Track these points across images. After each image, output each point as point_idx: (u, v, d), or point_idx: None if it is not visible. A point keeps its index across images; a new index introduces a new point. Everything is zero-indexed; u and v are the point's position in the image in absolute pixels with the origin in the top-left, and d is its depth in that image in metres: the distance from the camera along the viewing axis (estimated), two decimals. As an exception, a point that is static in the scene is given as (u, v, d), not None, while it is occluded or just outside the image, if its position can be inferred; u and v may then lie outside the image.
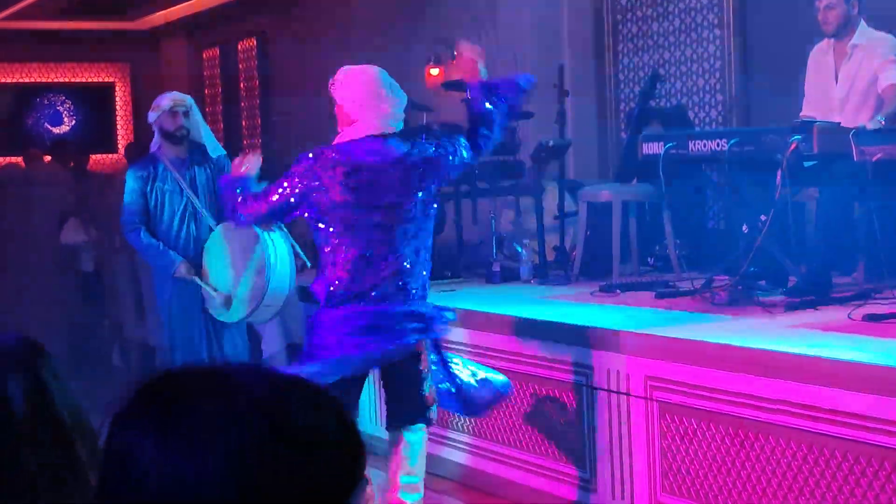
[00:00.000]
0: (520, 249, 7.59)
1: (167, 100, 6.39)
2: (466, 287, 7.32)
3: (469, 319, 6.26)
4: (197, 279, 6.27)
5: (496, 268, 7.49)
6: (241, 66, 14.98)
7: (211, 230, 6.31)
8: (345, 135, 4.73)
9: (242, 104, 14.98)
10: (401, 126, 4.80)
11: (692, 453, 4.95)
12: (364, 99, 4.71)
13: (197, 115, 6.48)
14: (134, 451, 1.13)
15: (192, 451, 1.11)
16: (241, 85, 14.56)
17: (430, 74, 10.72)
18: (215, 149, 6.51)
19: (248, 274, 6.06)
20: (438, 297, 6.84)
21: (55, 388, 1.31)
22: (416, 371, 4.79)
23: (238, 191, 4.85)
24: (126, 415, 1.17)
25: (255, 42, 14.59)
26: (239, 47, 15.01)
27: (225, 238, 6.19)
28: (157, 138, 6.44)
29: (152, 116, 6.41)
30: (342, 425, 1.19)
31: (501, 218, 8.53)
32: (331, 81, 4.77)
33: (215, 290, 6.17)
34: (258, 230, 5.78)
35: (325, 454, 1.16)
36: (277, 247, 5.88)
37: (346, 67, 4.80)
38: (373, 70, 4.79)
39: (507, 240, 8.17)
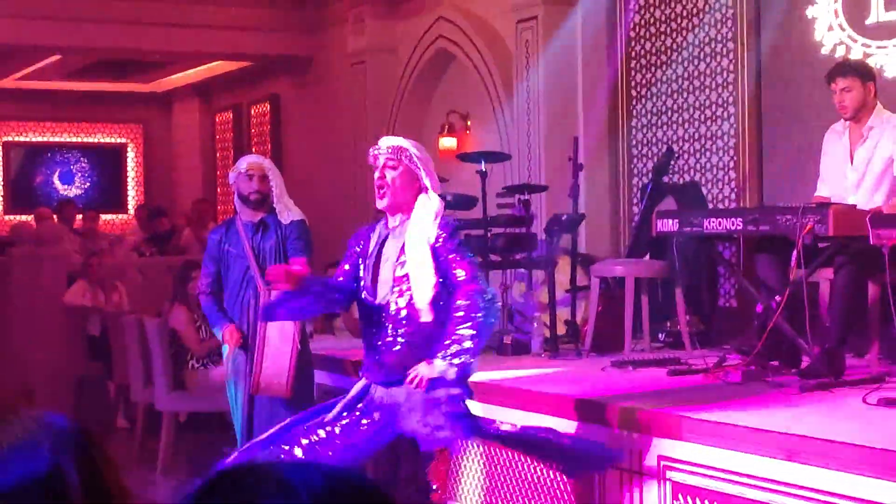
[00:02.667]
0: (532, 322, 7.57)
1: (244, 162, 6.38)
2: (481, 357, 7.27)
3: (479, 391, 6.22)
4: (227, 349, 6.28)
5: (507, 340, 7.47)
6: (253, 129, 15.07)
7: None
8: (436, 203, 4.65)
9: (254, 168, 15.03)
10: None
11: (704, 535, 4.90)
12: (434, 169, 4.75)
13: (276, 179, 6.42)
14: None
15: None
16: (254, 149, 14.63)
17: (444, 144, 10.78)
18: (288, 215, 6.42)
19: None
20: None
21: (108, 472, 1.32)
22: None
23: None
24: None
25: (268, 106, 14.68)
26: (252, 111, 15.10)
27: None
28: (235, 200, 6.46)
29: (231, 177, 6.42)
30: None
31: (513, 290, 8.53)
32: (394, 149, 4.63)
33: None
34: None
35: None
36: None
37: (399, 138, 4.75)
38: None
39: (519, 313, 8.15)
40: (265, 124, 14.76)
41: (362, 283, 4.72)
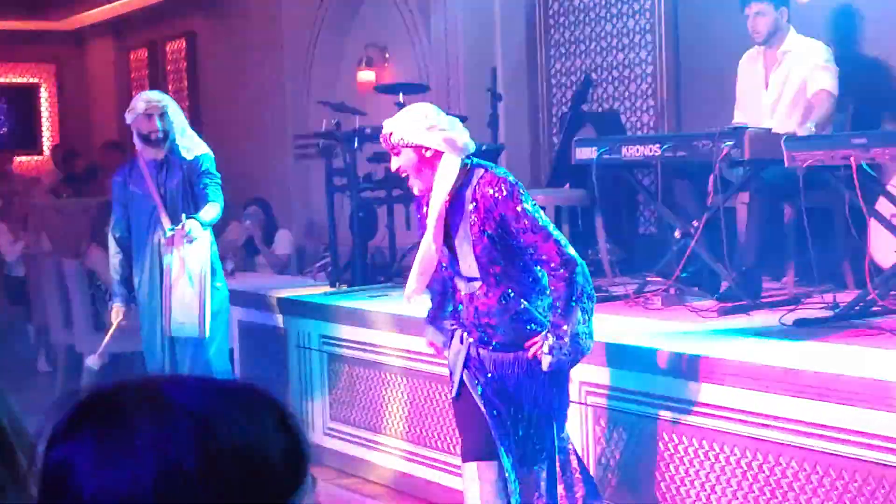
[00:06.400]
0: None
1: (141, 101, 6.18)
2: (400, 291, 7.28)
3: (403, 324, 6.23)
4: (112, 329, 6.29)
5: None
6: (169, 67, 14.81)
7: None
8: (450, 167, 4.22)
9: (171, 106, 14.79)
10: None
11: (626, 458, 4.97)
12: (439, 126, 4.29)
13: (176, 115, 6.28)
14: (72, 462, 1.15)
15: (126, 464, 1.13)
16: (170, 86, 14.40)
17: (362, 77, 10.69)
18: (192, 150, 6.28)
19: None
20: (372, 301, 6.82)
21: None
22: None
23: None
24: (65, 427, 1.18)
25: (183, 43, 14.43)
26: (167, 48, 14.85)
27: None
28: (136, 140, 6.29)
29: (128, 118, 6.22)
30: (283, 431, 1.19)
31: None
32: (384, 138, 4.25)
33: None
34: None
35: (262, 462, 1.17)
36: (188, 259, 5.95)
37: (388, 121, 4.30)
38: None
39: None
40: (181, 61, 14.52)
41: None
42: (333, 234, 7.83)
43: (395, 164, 4.25)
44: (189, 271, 6.02)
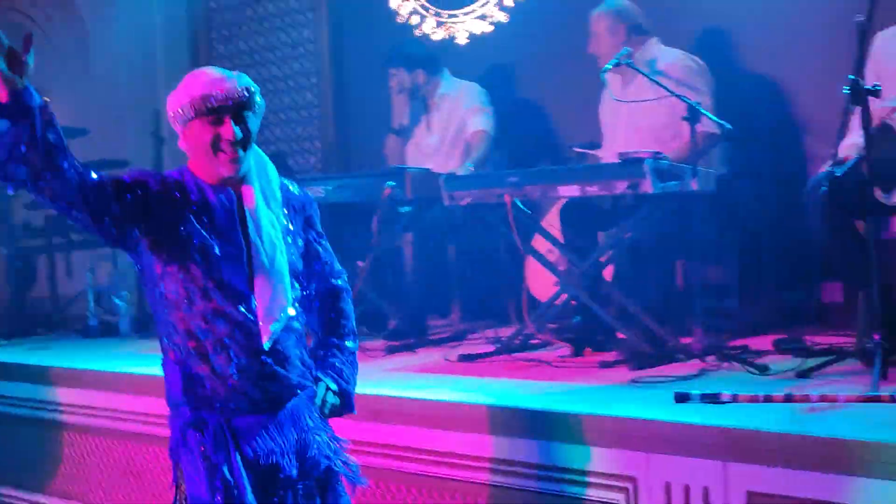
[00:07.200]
0: (120, 303, 7.33)
1: None
2: (61, 342, 7.00)
3: (62, 377, 5.97)
4: None
5: (93, 322, 7.21)
6: None
7: None
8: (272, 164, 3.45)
9: None
10: None
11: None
12: None
13: None
14: None
15: None
16: None
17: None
18: None
19: None
20: (31, 353, 6.52)
21: None
22: None
23: None
24: None
25: None
26: None
27: None
28: None
29: None
30: None
31: (99, 271, 8.23)
32: (247, 89, 3.17)
33: None
34: None
35: None
36: None
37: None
38: None
39: (106, 293, 7.88)
40: None
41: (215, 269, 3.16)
42: (-11, 285, 7.46)
43: (243, 129, 3.16)
44: None
